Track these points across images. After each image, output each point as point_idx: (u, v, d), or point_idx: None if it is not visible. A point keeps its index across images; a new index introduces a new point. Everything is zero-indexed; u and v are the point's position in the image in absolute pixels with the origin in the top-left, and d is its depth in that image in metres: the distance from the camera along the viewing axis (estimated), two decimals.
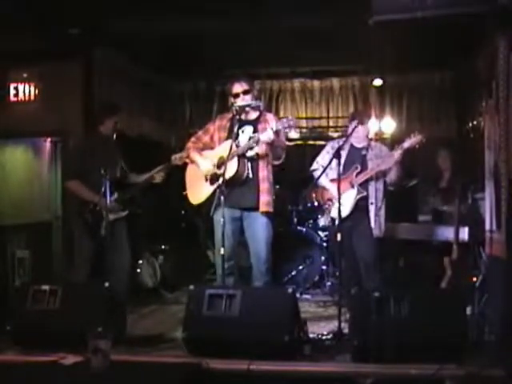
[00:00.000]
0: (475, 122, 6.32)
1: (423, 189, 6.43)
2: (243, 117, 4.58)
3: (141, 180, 5.09)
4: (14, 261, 5.78)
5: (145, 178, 5.07)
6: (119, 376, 3.33)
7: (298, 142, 7.82)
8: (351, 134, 4.91)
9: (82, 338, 3.38)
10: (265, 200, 4.57)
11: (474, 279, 4.62)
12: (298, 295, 4.74)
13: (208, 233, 6.01)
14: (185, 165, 4.87)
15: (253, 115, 4.68)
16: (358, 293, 3.94)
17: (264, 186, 4.58)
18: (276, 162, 4.62)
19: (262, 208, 4.56)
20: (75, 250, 5.10)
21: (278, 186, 4.92)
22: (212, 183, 4.59)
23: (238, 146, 4.51)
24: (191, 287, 3.99)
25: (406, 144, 4.82)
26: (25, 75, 6.07)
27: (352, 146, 5.09)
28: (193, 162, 4.78)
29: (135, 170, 5.19)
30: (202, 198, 4.67)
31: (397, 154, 4.83)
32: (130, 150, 5.42)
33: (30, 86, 6.07)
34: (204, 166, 4.66)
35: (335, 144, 5.03)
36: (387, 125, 7.26)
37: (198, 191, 4.71)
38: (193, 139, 4.87)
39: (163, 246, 6.70)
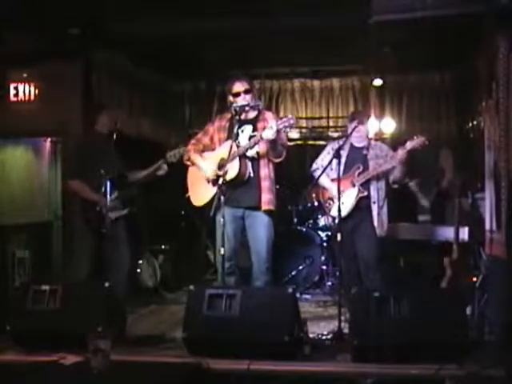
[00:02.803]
0: (475, 122, 6.32)
1: (423, 189, 6.44)
2: (242, 116, 4.58)
3: (140, 177, 5.07)
4: (14, 261, 5.78)
5: (143, 175, 5.05)
6: (119, 376, 3.33)
7: (298, 142, 7.82)
8: (351, 133, 4.91)
9: (81, 338, 3.38)
10: (266, 198, 4.57)
11: (474, 279, 4.62)
12: (298, 295, 4.73)
13: (208, 233, 6.01)
14: (186, 166, 4.87)
15: (252, 114, 4.68)
16: (357, 293, 3.94)
17: (265, 184, 4.58)
18: (276, 160, 4.61)
19: (264, 206, 4.57)
20: (75, 250, 5.11)
21: (278, 186, 4.91)
22: (214, 185, 4.57)
23: (238, 146, 4.52)
24: (191, 287, 3.98)
25: (409, 146, 4.81)
26: (25, 75, 6.07)
27: (352, 145, 5.09)
28: (194, 164, 4.77)
29: (135, 170, 5.18)
30: (205, 200, 4.64)
31: (399, 154, 4.83)
32: (129, 150, 5.42)
33: (29, 86, 6.07)
34: (206, 170, 4.65)
35: (335, 145, 5.02)
36: (387, 125, 7.26)
37: (201, 193, 4.70)
38: (193, 141, 4.86)
39: (163, 246, 6.70)
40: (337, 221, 4.61)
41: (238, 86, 4.63)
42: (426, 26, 4.95)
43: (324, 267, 6.38)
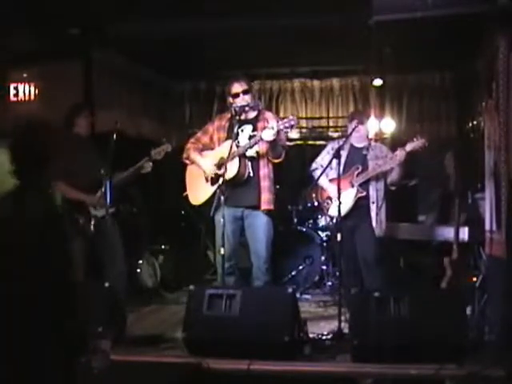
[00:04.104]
0: (475, 122, 6.32)
1: (423, 189, 6.43)
2: (242, 117, 4.58)
3: (124, 176, 4.91)
4: None
5: (128, 174, 4.91)
6: (119, 376, 3.33)
7: (298, 142, 7.82)
8: (351, 134, 4.91)
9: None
10: (266, 198, 4.58)
11: (474, 279, 4.62)
12: (298, 295, 4.73)
13: (208, 233, 6.01)
14: (184, 165, 4.86)
15: (252, 114, 4.68)
16: (357, 293, 3.94)
17: (265, 184, 4.58)
18: (276, 161, 4.61)
19: (263, 206, 4.57)
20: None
21: (278, 186, 4.91)
22: (213, 184, 4.59)
23: (237, 146, 4.52)
24: (191, 287, 3.99)
25: (409, 147, 4.81)
26: (25, 75, 6.06)
27: (352, 146, 5.09)
28: (193, 162, 4.77)
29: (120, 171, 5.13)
30: (203, 199, 4.65)
31: (399, 156, 4.83)
32: (129, 150, 5.40)
33: (29, 86, 6.06)
34: (206, 167, 4.66)
35: (335, 144, 5.02)
36: (387, 125, 7.26)
37: (199, 192, 4.71)
38: (192, 140, 4.87)
39: (163, 246, 6.70)
40: (335, 220, 4.61)
41: (237, 87, 4.63)
42: (426, 25, 4.94)
43: (324, 267, 6.37)
